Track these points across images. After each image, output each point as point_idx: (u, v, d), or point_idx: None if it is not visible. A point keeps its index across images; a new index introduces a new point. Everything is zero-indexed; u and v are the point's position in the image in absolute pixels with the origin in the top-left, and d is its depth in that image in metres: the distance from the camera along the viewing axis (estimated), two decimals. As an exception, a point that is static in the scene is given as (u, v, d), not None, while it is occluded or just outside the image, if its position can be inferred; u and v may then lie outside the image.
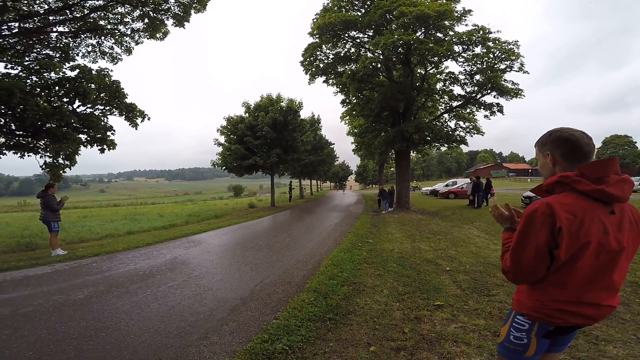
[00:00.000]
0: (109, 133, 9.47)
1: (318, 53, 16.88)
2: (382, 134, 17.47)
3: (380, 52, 14.52)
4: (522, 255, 1.36)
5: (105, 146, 9.44)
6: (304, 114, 23.29)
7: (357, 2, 16.21)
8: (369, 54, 16.03)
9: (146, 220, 14.74)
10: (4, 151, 8.29)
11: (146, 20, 10.09)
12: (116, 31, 10.14)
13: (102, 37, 10.13)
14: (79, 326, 3.48)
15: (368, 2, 15.77)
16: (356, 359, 2.74)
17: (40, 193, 7.64)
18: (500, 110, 15.54)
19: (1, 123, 7.86)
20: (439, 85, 17.43)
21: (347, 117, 21.86)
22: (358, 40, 16.49)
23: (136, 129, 9.97)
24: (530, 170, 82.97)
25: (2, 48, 8.55)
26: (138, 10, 9.85)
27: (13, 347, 3.03)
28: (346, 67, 17.30)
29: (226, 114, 20.49)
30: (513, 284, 4.47)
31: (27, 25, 8.70)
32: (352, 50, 17.08)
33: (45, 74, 8.76)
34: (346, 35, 15.95)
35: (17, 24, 8.54)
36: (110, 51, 10.56)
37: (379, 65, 15.51)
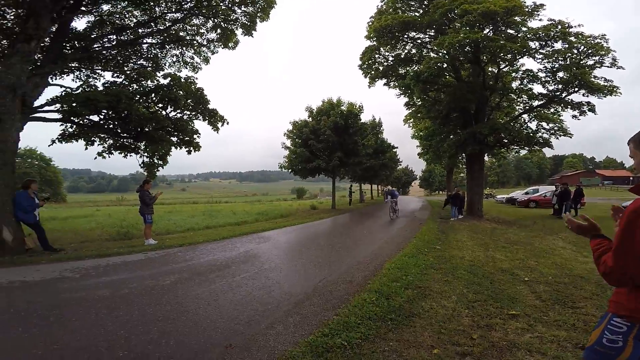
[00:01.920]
0: (195, 136, 10.45)
1: (377, 56, 16.67)
2: (451, 137, 16.58)
3: (446, 51, 13.87)
4: (626, 253, 1.31)
5: (191, 148, 10.45)
6: (365, 117, 23.15)
7: (413, 3, 15.70)
8: (433, 54, 15.37)
9: (221, 217, 16.10)
10: (112, 151, 9.86)
11: (219, 31, 11.14)
12: (194, 42, 11.35)
13: (184, 48, 11.41)
14: (164, 309, 3.85)
15: (426, 2, 15.13)
16: (417, 359, 2.71)
17: (138, 188, 8.78)
18: (592, 110, 13.67)
19: (110, 127, 9.37)
20: (515, 84, 15.96)
21: (412, 120, 21.23)
22: (419, 41, 15.92)
23: (217, 132, 10.83)
24: (631, 179, 70.28)
25: (106, 59, 10.23)
26: (211, 21, 10.93)
27: (108, 325, 3.40)
28: (408, 68, 16.79)
29: (291, 119, 21.35)
30: (603, 297, 3.97)
31: (122, 37, 10.24)
32: (414, 51, 16.52)
33: (142, 82, 10.16)
34: (405, 36, 15.51)
35: (115, 37, 10.14)
36: (191, 61, 11.83)
37: (445, 65, 14.80)
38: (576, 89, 13.49)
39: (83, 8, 9.02)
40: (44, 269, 5.72)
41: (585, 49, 12.85)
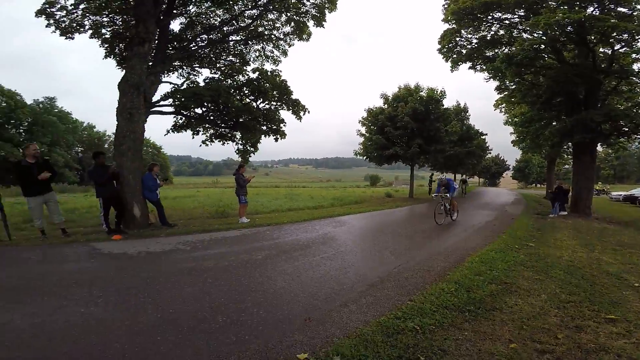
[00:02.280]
0: (281, 125, 11.27)
1: (457, 39, 15.32)
2: (554, 123, 14.64)
3: (542, 32, 12.04)
4: None
5: (278, 136, 11.31)
6: (448, 102, 21.65)
7: None
8: (526, 35, 13.53)
9: (301, 200, 17.06)
10: (213, 140, 11.30)
11: (292, 24, 11.69)
12: (272, 36, 12.09)
13: (264, 43, 12.24)
14: (256, 281, 4.31)
15: None
16: (492, 351, 2.68)
17: (234, 172, 9.91)
18: None
19: (211, 118, 10.72)
20: (636, 66, 13.13)
21: (503, 105, 19.15)
22: (507, 22, 14.15)
23: (300, 121, 11.39)
24: None
25: (201, 57, 11.59)
26: (284, 15, 11.50)
27: (212, 292, 3.92)
28: (496, 50, 15.10)
29: (365, 106, 21.20)
30: None
31: (212, 36, 11.44)
32: (501, 32, 14.72)
33: (235, 77, 11.27)
34: (489, 17, 13.94)
35: (205, 36, 11.38)
36: (272, 54, 12.65)
37: (543, 47, 12.88)
38: None
39: (175, 11, 10.29)
40: (163, 241, 6.78)
41: None
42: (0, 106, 38.24)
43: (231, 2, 10.77)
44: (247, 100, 10.95)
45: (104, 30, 10.15)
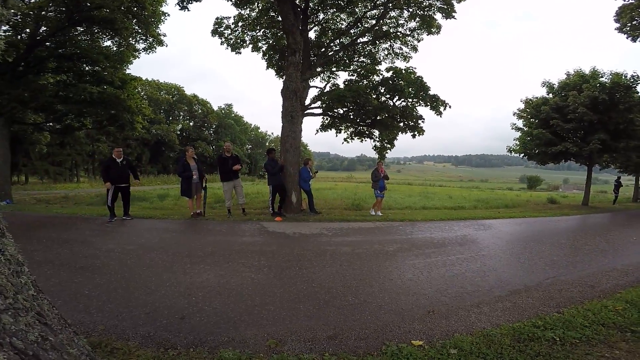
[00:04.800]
0: (420, 121, 11.25)
1: None
2: None
3: None
4: None
5: (416, 132, 11.32)
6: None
7: None
8: None
9: (437, 199, 16.38)
10: (353, 137, 12.18)
11: (417, 19, 11.32)
12: (398, 33, 12.02)
13: (391, 41, 12.34)
14: (387, 270, 4.64)
15: None
16: None
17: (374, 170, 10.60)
18: None
19: (352, 117, 11.56)
20: None
21: None
22: None
23: (440, 116, 11.03)
24: None
25: (337, 61, 12.63)
26: (406, 12, 11.21)
27: (346, 274, 4.34)
28: None
29: (522, 96, 18.16)
30: None
31: (343, 41, 12.24)
32: None
33: (370, 77, 11.77)
34: None
35: (338, 41, 12.24)
36: (400, 51, 12.67)
37: None
38: None
39: (309, 19, 11.44)
40: (311, 226, 7.95)
41: None
42: (198, 112, 51.50)
43: (352, 6, 11.40)
44: (384, 98, 11.30)
45: (260, 44, 12.43)
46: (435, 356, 2.46)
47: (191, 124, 51.49)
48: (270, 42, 12.57)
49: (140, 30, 12.91)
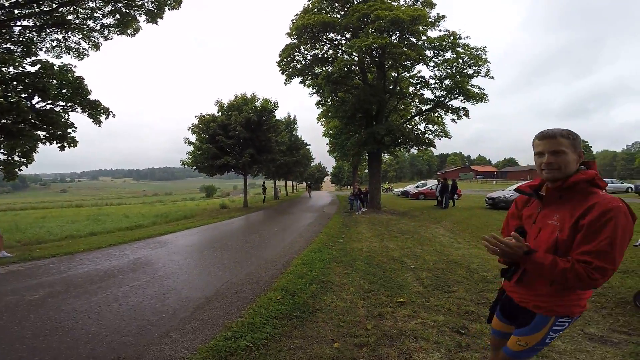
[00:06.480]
0: (69, 130, 9.06)
1: (296, 54, 16.81)
2: (355, 136, 17.67)
3: (356, 54, 14.67)
4: (623, 249, 1.30)
5: (65, 143, 9.04)
6: (280, 114, 23.19)
7: (337, 5, 16.37)
8: (346, 56, 16.18)
9: (110, 221, 14.08)
10: None
11: (117, 16, 9.96)
12: (84, 26, 9.92)
13: (69, 32, 9.89)
14: (33, 326, 3.41)
15: (347, 5, 15.93)
16: (320, 355, 2.77)
17: None
18: (467, 114, 16.27)
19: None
20: (411, 89, 17.91)
21: (323, 119, 21.95)
22: (335, 42, 16.63)
23: (99, 126, 9.67)
24: (495, 173, 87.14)
25: None
26: (110, 6, 9.69)
27: None
28: (323, 68, 17.33)
29: (199, 112, 19.92)
30: (471, 280, 4.71)
31: None
32: (330, 52, 17.16)
33: (3, 69, 8.24)
34: (324, 37, 16.05)
35: None
36: (77, 46, 10.37)
37: (354, 68, 15.66)
38: (456, 96, 15.79)
39: None
40: None
41: (468, 59, 15.11)
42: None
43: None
44: (17, 97, 8.11)
45: None
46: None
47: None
48: None
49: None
